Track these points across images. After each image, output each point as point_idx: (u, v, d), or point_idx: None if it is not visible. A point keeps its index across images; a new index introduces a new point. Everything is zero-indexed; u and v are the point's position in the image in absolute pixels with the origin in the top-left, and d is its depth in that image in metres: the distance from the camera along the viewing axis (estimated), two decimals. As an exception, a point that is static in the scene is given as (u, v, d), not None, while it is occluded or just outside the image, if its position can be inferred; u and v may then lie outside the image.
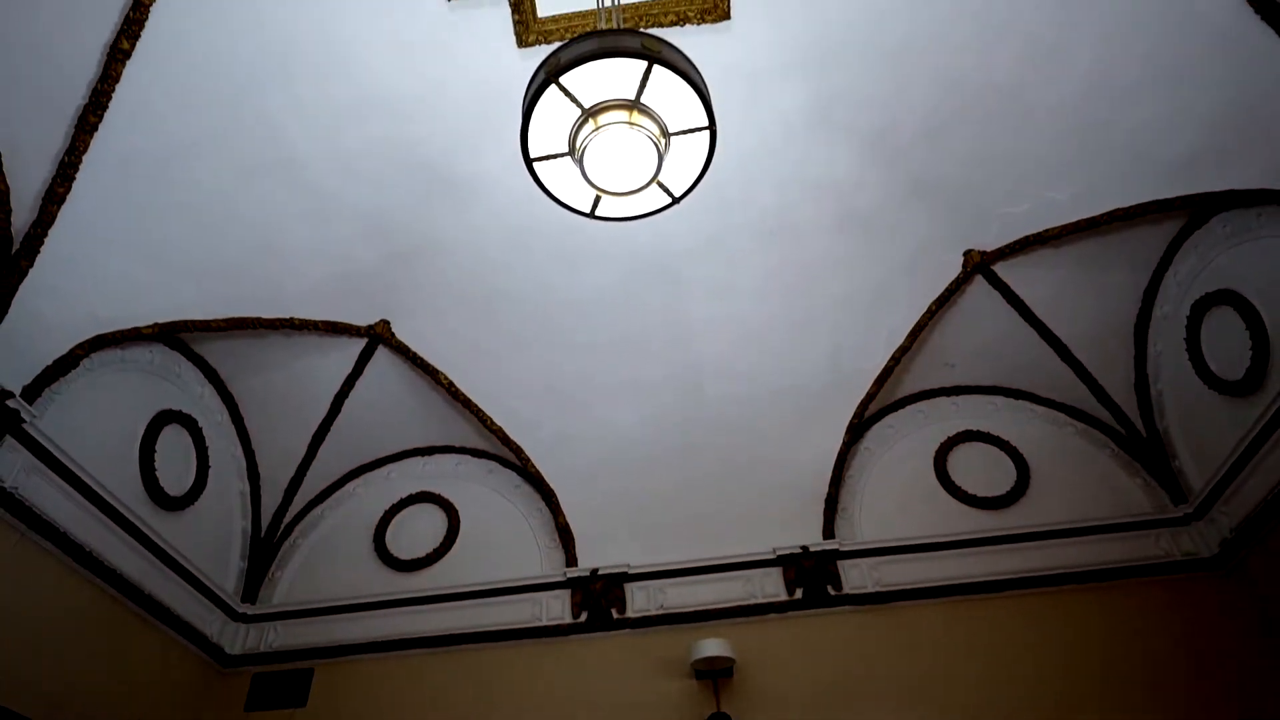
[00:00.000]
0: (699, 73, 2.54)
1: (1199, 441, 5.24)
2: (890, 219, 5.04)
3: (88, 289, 4.29)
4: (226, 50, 3.93)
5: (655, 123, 2.48)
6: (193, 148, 4.18)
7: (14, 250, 3.95)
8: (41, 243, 3.97)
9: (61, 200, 3.95)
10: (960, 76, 4.37)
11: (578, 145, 2.49)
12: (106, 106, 3.83)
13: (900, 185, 4.90)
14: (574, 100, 2.43)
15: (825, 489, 5.72)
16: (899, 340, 5.53)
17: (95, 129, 3.87)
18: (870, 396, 5.71)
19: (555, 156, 2.60)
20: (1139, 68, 4.10)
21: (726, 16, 4.21)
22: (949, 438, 5.91)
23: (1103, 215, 4.79)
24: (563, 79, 2.36)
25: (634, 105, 2.43)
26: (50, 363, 4.23)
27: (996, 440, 5.86)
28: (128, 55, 3.74)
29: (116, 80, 3.79)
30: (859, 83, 4.44)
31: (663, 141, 2.51)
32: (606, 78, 2.39)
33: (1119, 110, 4.30)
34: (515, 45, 4.24)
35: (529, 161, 2.62)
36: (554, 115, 2.48)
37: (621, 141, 2.45)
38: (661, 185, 2.71)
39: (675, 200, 2.78)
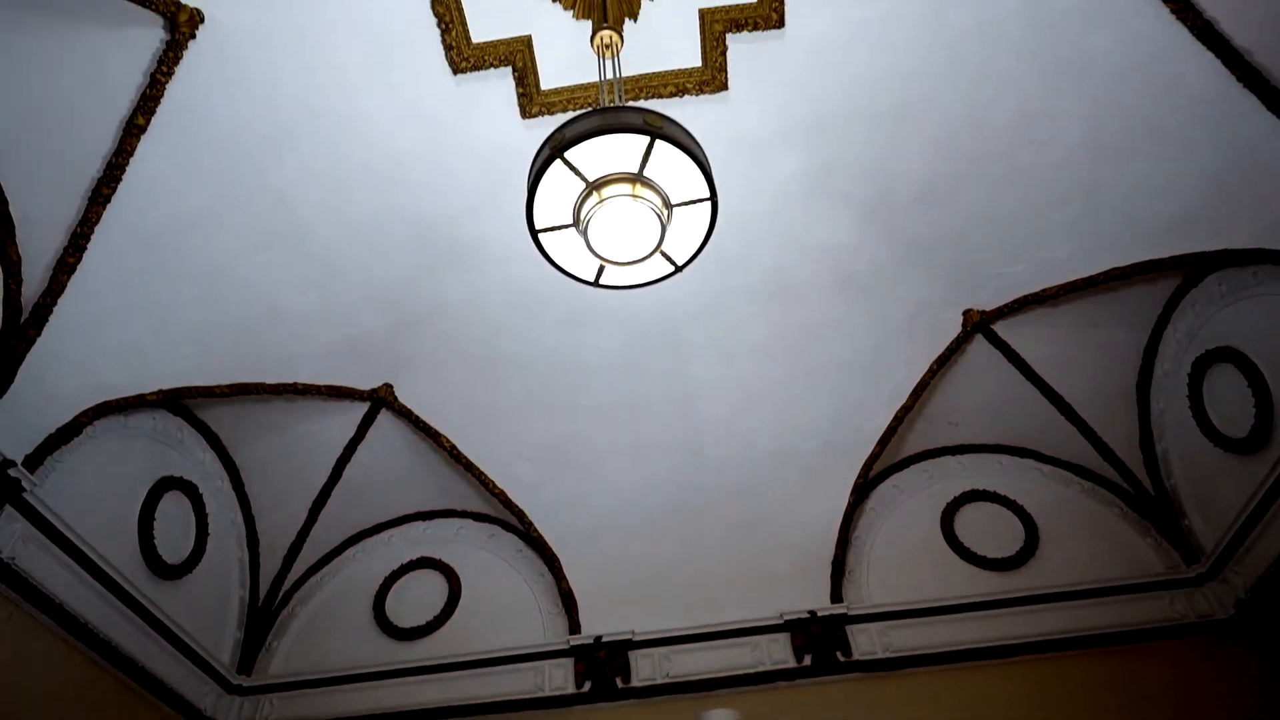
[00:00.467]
0: (700, 146, 2.61)
1: (1208, 500, 5.19)
2: (889, 280, 5.11)
3: (94, 356, 4.31)
4: (237, 122, 4.04)
5: (658, 194, 2.54)
6: (202, 217, 4.26)
7: (23, 319, 3.99)
8: (50, 311, 4.01)
9: (72, 270, 4.01)
10: (954, 141, 4.48)
11: (582, 217, 2.55)
12: (120, 179, 3.92)
13: (898, 247, 4.97)
14: (578, 174, 2.49)
15: (831, 551, 5.64)
16: (901, 400, 5.53)
17: (108, 201, 3.95)
18: (874, 456, 5.68)
19: (560, 228, 2.66)
20: (1128, 132, 4.21)
21: (724, 88, 4.34)
22: (955, 497, 5.86)
23: (1099, 274, 4.84)
24: (567, 154, 2.44)
25: (637, 178, 2.50)
26: (54, 430, 4.23)
27: (1003, 500, 5.80)
28: (143, 130, 3.85)
29: (130, 154, 3.89)
30: (855, 149, 4.55)
31: (665, 212, 2.57)
32: (610, 152, 2.46)
33: (1110, 172, 4.39)
34: (519, 116, 4.37)
35: (534, 233, 2.67)
36: (559, 188, 2.55)
37: (625, 213, 2.51)
38: (664, 254, 2.76)
39: (678, 269, 2.83)
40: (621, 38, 3.33)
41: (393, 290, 4.92)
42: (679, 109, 4.38)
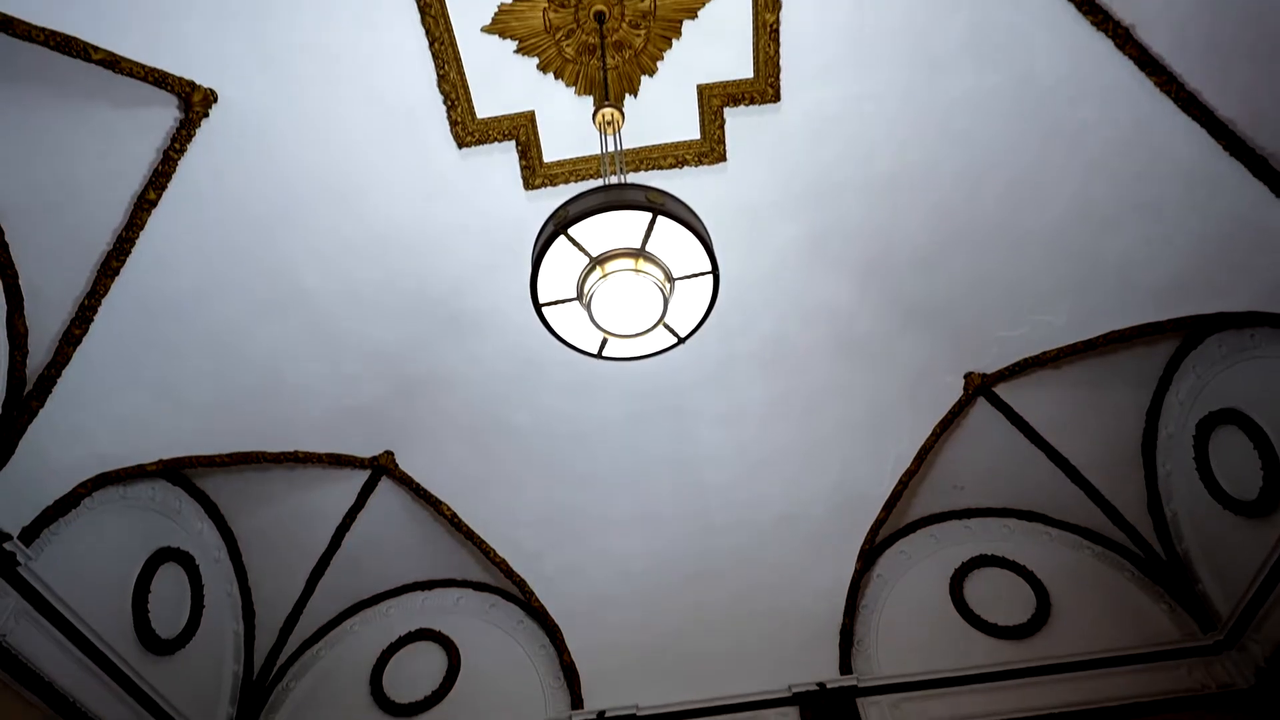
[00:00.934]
0: (701, 221, 2.67)
1: (1221, 564, 5.10)
2: (889, 344, 5.13)
3: (95, 427, 4.30)
4: (247, 196, 4.12)
5: (660, 268, 2.58)
6: (209, 288, 4.31)
7: (27, 391, 4.00)
8: (54, 383, 4.03)
9: (78, 341, 4.04)
10: (949, 208, 4.56)
11: (585, 291, 2.58)
12: (129, 253, 3.99)
13: (897, 311, 5.01)
14: (582, 250, 2.54)
15: (839, 619, 5.52)
16: (906, 464, 5.50)
17: (116, 273, 4.01)
18: (880, 522, 5.61)
19: (563, 301, 2.69)
20: (1120, 199, 4.28)
21: (723, 159, 4.45)
22: (964, 563, 5.76)
23: (1099, 338, 4.86)
24: (571, 230, 2.48)
25: (640, 253, 2.54)
26: (51, 503, 4.19)
27: (1013, 565, 5.71)
28: (154, 205, 3.93)
29: (141, 228, 3.96)
30: (851, 215, 4.63)
31: (668, 286, 2.60)
32: (613, 228, 2.50)
33: (1105, 238, 4.45)
34: (523, 188, 4.46)
35: (538, 307, 2.70)
36: (563, 262, 2.59)
37: (628, 287, 2.54)
38: (667, 327, 2.79)
39: (680, 340, 2.85)
40: (622, 115, 3.42)
41: (395, 359, 4.94)
42: (679, 179, 4.48)
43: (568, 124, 4.27)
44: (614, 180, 4.20)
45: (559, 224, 2.48)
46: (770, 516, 5.55)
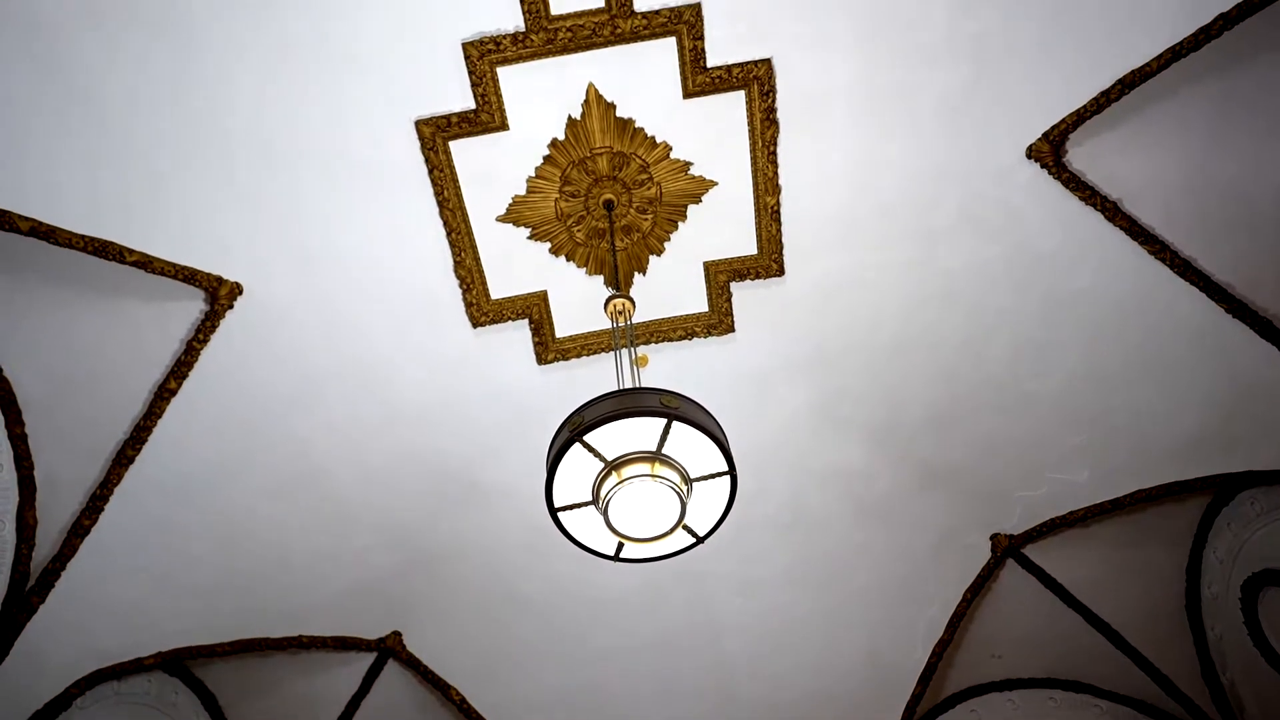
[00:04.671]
0: (716, 422, 2.67)
1: (1291, 740, 4.72)
2: (908, 506, 5.02)
3: (95, 621, 4.17)
4: (266, 381, 4.18)
5: (677, 471, 2.56)
6: (221, 470, 4.30)
7: (29, 586, 3.91)
8: (58, 577, 3.95)
9: (86, 532, 3.99)
10: (955, 370, 4.58)
11: (602, 496, 2.55)
12: (145, 441, 4.00)
13: (912, 473, 4.94)
14: (597, 455, 2.53)
15: (882, 810, 5.08)
16: (938, 633, 5.23)
17: (131, 462, 4.01)
18: (916, 697, 5.28)
19: (579, 506, 2.66)
20: (1128, 360, 4.30)
21: (731, 330, 4.53)
22: (1010, 742, 5.36)
23: (1125, 497, 4.74)
24: (586, 436, 2.48)
25: (656, 457, 2.53)
26: (42, 705, 4.00)
27: (1064, 743, 5.30)
28: (174, 393, 3.99)
29: (159, 416, 4.00)
30: (859, 379, 4.65)
31: (685, 489, 2.57)
32: (628, 433, 2.51)
33: (1116, 399, 4.43)
34: (535, 363, 4.53)
35: (554, 512, 2.66)
36: (578, 467, 2.57)
37: (645, 493, 2.51)
38: (686, 527, 2.73)
39: (700, 540, 2.79)
40: (633, 303, 3.52)
41: (407, 532, 4.85)
42: (689, 350, 4.56)
43: (579, 301, 4.39)
44: (625, 354, 4.25)
45: (574, 430, 2.49)
46: (799, 691, 5.26)
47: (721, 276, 4.37)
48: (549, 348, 4.52)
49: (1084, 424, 4.55)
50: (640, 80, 3.56)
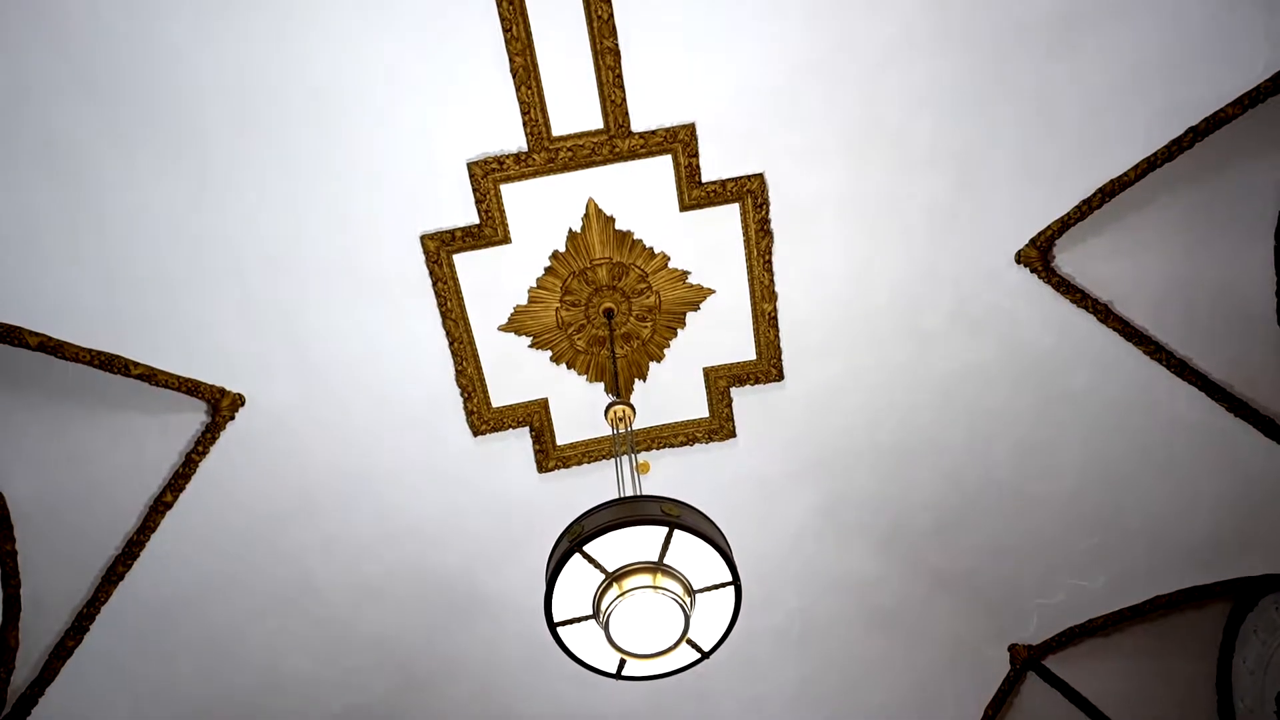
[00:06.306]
0: (720, 531, 2.62)
1: None
2: (921, 614, 4.85)
3: (70, 752, 3.96)
4: (264, 492, 4.13)
5: (679, 582, 2.49)
6: (213, 586, 4.19)
7: (4, 713, 3.73)
8: (35, 704, 3.77)
9: (69, 654, 3.85)
10: (960, 473, 4.52)
11: (602, 609, 2.47)
12: (137, 556, 3.91)
13: (922, 579, 4.80)
14: (597, 566, 2.47)
15: None
16: (961, 756, 4.96)
17: (121, 579, 3.91)
18: (946, 826, 4.94)
19: (579, 620, 2.57)
20: (1133, 459, 4.26)
21: (733, 435, 4.51)
22: None
23: (1144, 603, 4.60)
24: (586, 546, 2.43)
25: (658, 567, 2.47)
26: None
27: None
28: (169, 506, 3.93)
29: (153, 530, 3.93)
30: (863, 483, 4.59)
31: (688, 600, 2.49)
32: (629, 542, 2.46)
33: (1124, 499, 4.37)
34: (536, 471, 4.48)
35: (553, 627, 2.57)
36: (578, 578, 2.50)
37: (647, 606, 2.44)
38: (690, 642, 2.63)
39: (705, 655, 2.68)
40: (633, 410, 3.53)
41: (403, 649, 4.68)
42: (690, 456, 4.52)
43: (580, 408, 4.39)
44: (626, 461, 4.22)
45: (574, 540, 2.44)
46: (816, 826, 4.91)
47: (721, 382, 4.39)
48: (550, 455, 4.49)
49: (1096, 526, 4.46)
50: (638, 195, 3.69)
